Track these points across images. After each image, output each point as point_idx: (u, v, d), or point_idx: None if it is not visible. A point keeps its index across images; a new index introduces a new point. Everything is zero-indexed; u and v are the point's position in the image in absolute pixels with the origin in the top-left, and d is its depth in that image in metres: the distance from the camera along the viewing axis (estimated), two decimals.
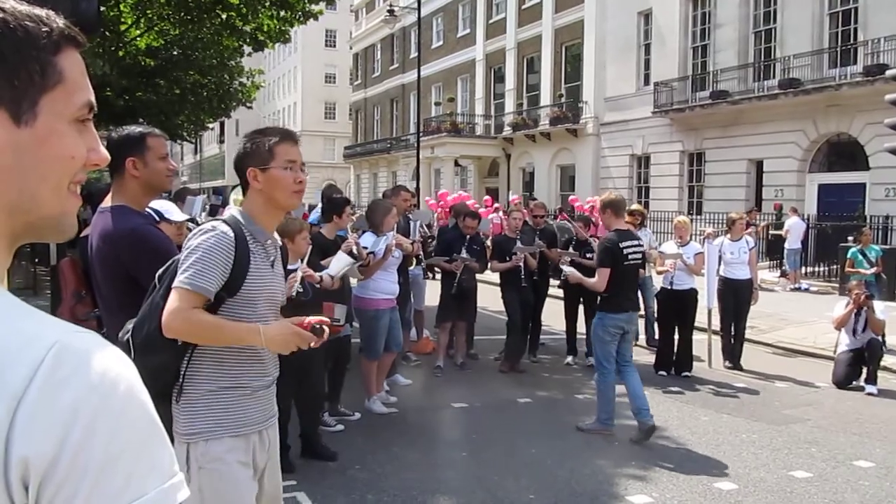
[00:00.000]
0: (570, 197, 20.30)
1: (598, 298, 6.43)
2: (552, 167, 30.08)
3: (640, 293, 8.87)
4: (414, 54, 38.66)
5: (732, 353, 9.30)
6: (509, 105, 32.58)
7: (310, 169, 48.13)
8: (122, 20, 19.16)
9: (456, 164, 33.70)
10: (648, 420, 6.12)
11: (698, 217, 22.38)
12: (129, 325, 2.55)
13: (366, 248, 6.48)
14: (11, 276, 2.85)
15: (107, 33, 17.59)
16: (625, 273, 6.18)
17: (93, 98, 0.93)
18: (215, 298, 2.45)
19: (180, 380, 2.48)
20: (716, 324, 9.36)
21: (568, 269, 6.66)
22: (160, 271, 2.59)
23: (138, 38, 20.20)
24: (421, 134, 35.03)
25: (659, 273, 8.86)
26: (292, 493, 4.88)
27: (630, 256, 6.19)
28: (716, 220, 21.16)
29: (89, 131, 0.93)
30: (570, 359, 9.13)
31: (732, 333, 9.34)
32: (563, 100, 29.11)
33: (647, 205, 24.99)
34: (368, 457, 5.73)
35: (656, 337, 9.31)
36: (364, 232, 6.79)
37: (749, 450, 6.02)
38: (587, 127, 27.67)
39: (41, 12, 0.88)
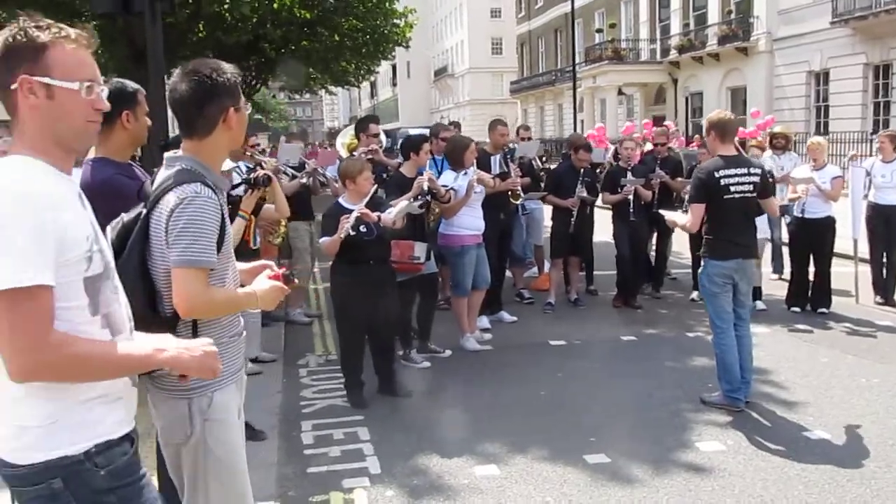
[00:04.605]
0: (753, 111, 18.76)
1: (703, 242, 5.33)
2: (722, 90, 28.07)
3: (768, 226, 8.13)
4: None
5: (885, 287, 8.35)
6: (675, 27, 30.62)
7: (478, 106, 48.61)
8: None
9: (620, 92, 32.37)
10: (739, 401, 5.10)
11: None
12: None
13: (445, 186, 6.39)
14: None
15: None
16: (726, 209, 5.08)
17: None
18: None
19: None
20: (866, 254, 8.43)
21: (667, 214, 5.81)
22: (113, 235, 2.40)
23: None
24: (583, 63, 33.94)
25: (791, 200, 8.05)
26: (354, 429, 5.00)
27: (732, 189, 5.06)
28: None
29: None
30: (695, 294, 8.57)
31: (885, 265, 8.38)
32: (732, 16, 26.91)
33: (826, 125, 22.88)
34: (444, 395, 5.75)
35: (784, 270, 8.55)
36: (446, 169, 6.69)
37: (863, 395, 5.41)
38: (759, 44, 25.46)
39: None
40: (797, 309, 7.96)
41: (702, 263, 5.31)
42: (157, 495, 2.03)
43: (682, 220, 5.29)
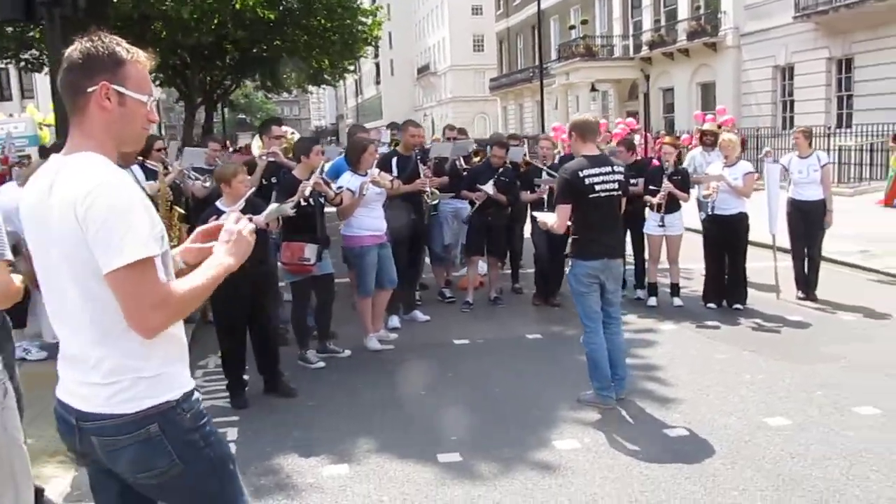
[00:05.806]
0: (695, 113, 18.97)
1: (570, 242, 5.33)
2: (692, 85, 28.15)
3: None
4: None
5: (807, 283, 8.38)
6: (647, 23, 30.67)
7: (459, 103, 48.45)
8: None
9: (593, 88, 32.33)
10: (609, 398, 5.11)
11: (847, 130, 20.23)
12: None
13: (341, 187, 6.41)
14: None
15: None
16: (591, 209, 5.06)
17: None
18: None
19: None
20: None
21: (538, 215, 5.82)
22: None
23: None
24: (554, 60, 34.00)
25: (705, 197, 8.08)
26: (224, 429, 4.99)
27: (597, 188, 5.03)
28: (868, 133, 19.01)
29: None
30: None
31: (805, 260, 8.42)
32: (700, 12, 26.98)
33: (791, 120, 22.94)
34: (329, 394, 5.75)
35: None
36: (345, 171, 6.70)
37: (739, 392, 5.43)
38: (726, 39, 25.53)
39: None
40: (713, 305, 8.00)
41: (568, 263, 5.32)
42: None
43: (551, 220, 5.29)
